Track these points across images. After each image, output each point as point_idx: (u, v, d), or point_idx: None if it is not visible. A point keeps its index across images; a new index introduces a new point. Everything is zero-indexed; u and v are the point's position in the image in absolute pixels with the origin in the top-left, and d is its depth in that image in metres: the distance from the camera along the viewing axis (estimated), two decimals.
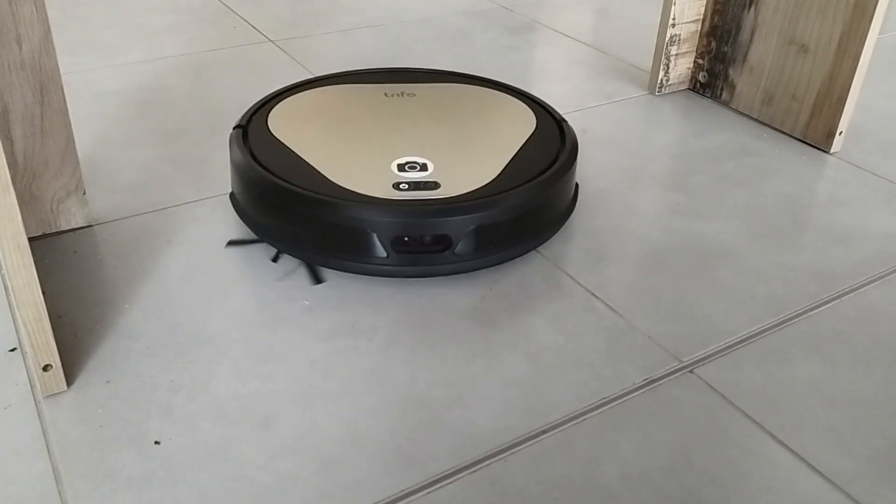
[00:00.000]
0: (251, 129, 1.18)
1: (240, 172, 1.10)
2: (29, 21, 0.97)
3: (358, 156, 1.13)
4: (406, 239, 1.02)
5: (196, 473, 0.79)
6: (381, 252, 1.02)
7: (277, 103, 1.25)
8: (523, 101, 1.30)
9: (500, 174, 1.10)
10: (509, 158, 1.14)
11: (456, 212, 1.03)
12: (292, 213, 1.04)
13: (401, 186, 1.06)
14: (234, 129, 1.17)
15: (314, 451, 0.82)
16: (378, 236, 1.01)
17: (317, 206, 1.02)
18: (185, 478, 0.78)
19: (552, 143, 1.19)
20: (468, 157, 1.14)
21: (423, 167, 1.10)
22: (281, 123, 1.19)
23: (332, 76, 1.36)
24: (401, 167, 1.10)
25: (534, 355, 0.94)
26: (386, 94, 1.28)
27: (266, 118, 1.20)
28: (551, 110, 1.28)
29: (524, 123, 1.23)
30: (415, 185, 1.06)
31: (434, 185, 1.06)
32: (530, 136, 1.20)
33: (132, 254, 1.08)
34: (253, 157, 1.10)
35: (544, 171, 1.12)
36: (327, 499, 0.77)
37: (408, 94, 1.29)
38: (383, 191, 1.05)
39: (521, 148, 1.17)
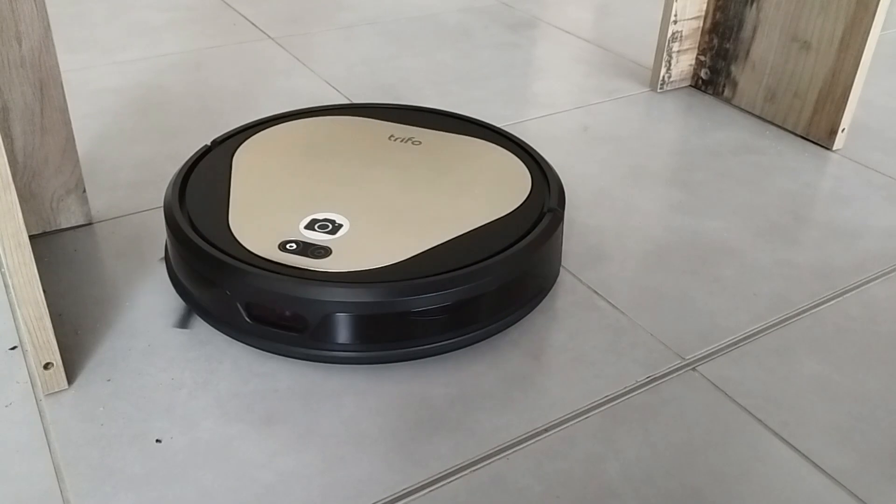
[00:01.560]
0: (213, 156, 1.08)
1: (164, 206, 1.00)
2: (29, 19, 0.97)
3: (277, 205, 0.99)
4: (258, 309, 0.89)
5: (197, 472, 0.79)
6: (241, 316, 0.89)
7: (253, 134, 1.15)
8: (525, 163, 1.10)
9: (418, 255, 0.91)
10: (450, 237, 0.94)
11: (313, 290, 0.86)
12: (177, 257, 0.95)
13: (287, 247, 0.91)
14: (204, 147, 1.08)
15: (316, 449, 0.81)
16: (236, 299, 0.89)
17: (191, 257, 0.92)
18: (186, 476, 0.78)
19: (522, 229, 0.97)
20: (403, 225, 0.96)
21: (334, 229, 0.94)
22: (242, 157, 1.09)
23: (305, 111, 1.23)
24: (310, 224, 0.95)
25: (536, 353, 0.94)
26: (391, 138, 1.14)
27: (233, 151, 1.10)
28: (553, 187, 1.05)
29: (509, 193, 1.03)
30: (303, 249, 0.91)
31: (324, 253, 0.90)
32: (509, 214, 0.99)
33: (132, 251, 1.08)
34: (182, 192, 1.00)
35: (476, 263, 0.91)
36: (329, 497, 0.77)
37: (403, 140, 1.13)
38: (267, 249, 0.91)
39: (484, 224, 0.97)
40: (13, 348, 0.92)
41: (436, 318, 0.89)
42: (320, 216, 0.97)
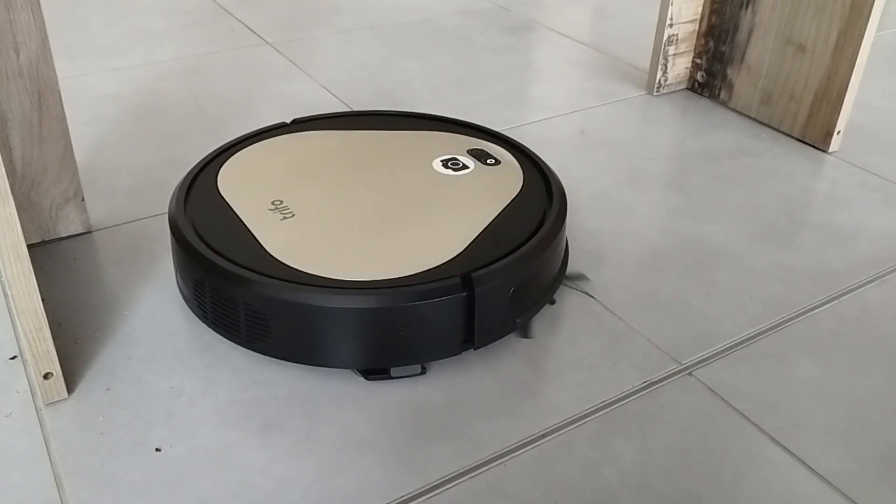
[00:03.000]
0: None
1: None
2: (26, 29, 0.97)
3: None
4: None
5: (197, 480, 0.79)
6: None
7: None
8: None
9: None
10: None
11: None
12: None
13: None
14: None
15: (315, 456, 0.82)
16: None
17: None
18: (186, 484, 0.79)
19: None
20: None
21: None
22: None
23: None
24: None
25: (533, 358, 0.95)
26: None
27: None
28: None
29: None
30: None
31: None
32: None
33: (131, 259, 1.09)
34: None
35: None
36: None
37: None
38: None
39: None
40: (13, 358, 0.93)
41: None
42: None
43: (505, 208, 1.01)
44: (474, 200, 1.02)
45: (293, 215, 0.98)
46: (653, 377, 0.93)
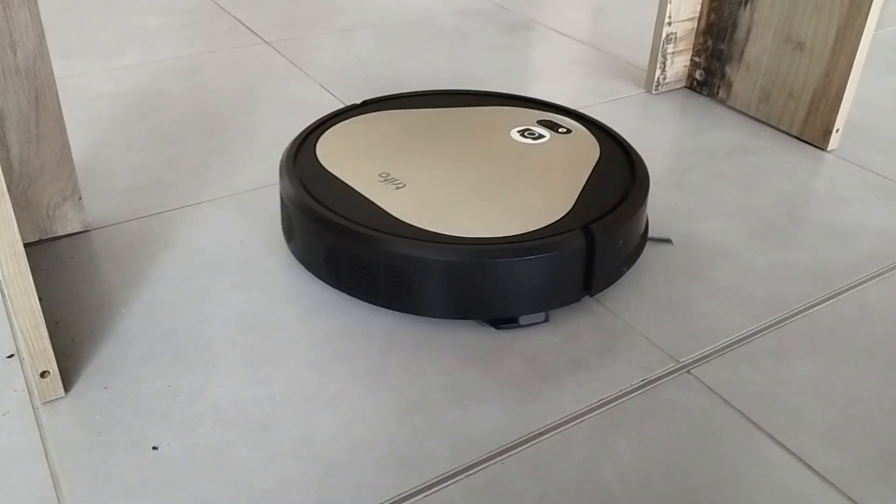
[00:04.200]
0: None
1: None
2: (23, 27, 0.97)
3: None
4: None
5: (194, 479, 0.79)
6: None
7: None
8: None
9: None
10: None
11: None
12: None
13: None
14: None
15: (312, 454, 0.82)
16: None
17: None
18: (183, 483, 0.78)
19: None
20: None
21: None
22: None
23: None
24: None
25: (531, 356, 0.94)
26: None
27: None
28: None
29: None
30: None
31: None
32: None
33: (129, 258, 1.08)
34: None
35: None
36: (326, 503, 0.77)
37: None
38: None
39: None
40: (10, 356, 0.93)
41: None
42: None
43: (593, 170, 1.10)
44: (562, 164, 1.11)
45: (404, 185, 1.05)
46: (651, 375, 0.92)
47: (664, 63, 1.57)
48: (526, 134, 1.16)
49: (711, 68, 1.56)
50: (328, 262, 1.00)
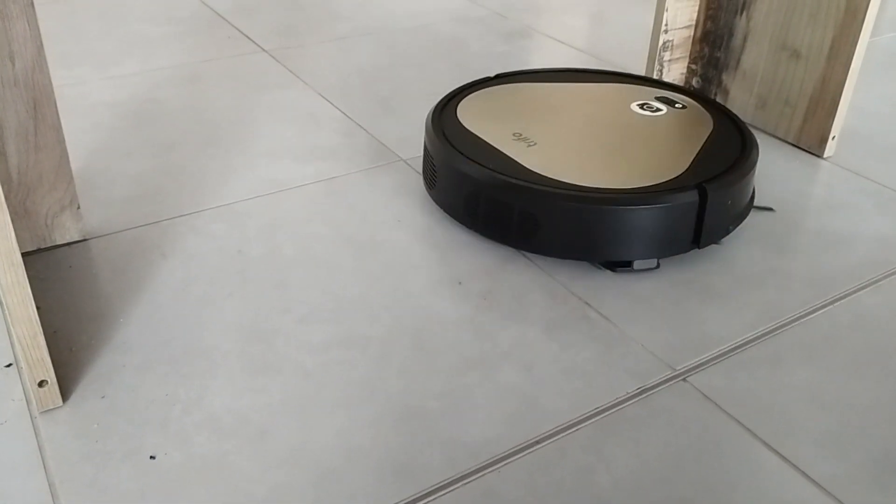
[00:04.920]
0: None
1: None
2: (22, 38, 0.98)
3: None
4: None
5: (192, 488, 0.79)
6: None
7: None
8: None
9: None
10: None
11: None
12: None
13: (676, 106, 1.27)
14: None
15: (309, 463, 0.82)
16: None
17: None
18: (180, 492, 0.79)
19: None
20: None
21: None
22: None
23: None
24: None
25: (527, 364, 0.95)
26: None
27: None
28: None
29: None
30: None
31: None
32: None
33: (127, 267, 1.09)
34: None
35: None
36: None
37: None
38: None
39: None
40: (8, 366, 0.93)
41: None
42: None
43: (706, 139, 1.22)
44: (678, 133, 1.23)
45: (536, 143, 1.19)
46: (647, 383, 0.93)
47: (661, 70, 1.58)
48: (645, 107, 1.29)
49: (708, 76, 1.57)
50: (467, 206, 1.15)
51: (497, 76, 1.40)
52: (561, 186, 1.09)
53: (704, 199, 1.08)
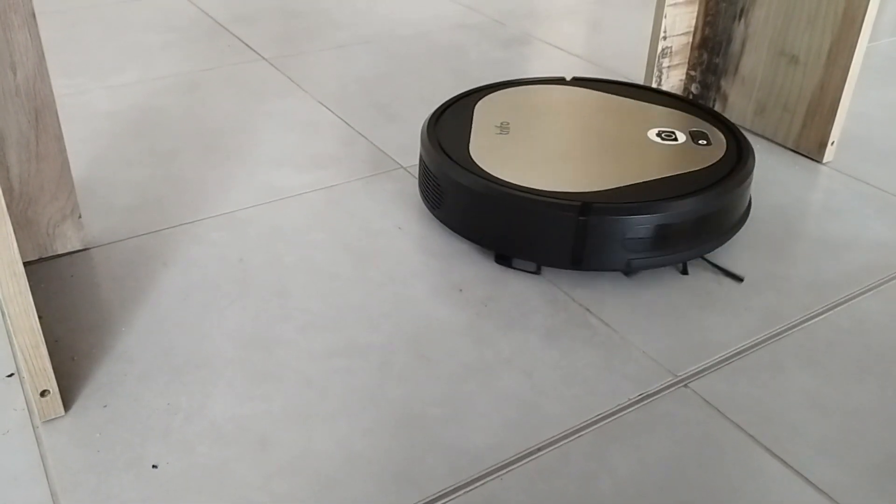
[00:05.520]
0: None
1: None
2: (23, 48, 0.98)
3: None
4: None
5: (194, 496, 0.79)
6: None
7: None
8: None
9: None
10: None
11: None
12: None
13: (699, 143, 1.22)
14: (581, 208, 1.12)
15: (311, 471, 0.82)
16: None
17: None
18: (182, 501, 0.79)
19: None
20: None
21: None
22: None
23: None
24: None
25: (529, 371, 0.95)
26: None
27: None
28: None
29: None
30: None
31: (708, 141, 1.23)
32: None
33: (128, 276, 1.09)
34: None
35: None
36: None
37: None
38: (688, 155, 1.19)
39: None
40: (10, 375, 0.93)
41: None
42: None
43: (695, 171, 1.16)
44: (660, 161, 1.18)
45: (507, 133, 1.23)
46: (648, 389, 0.93)
47: (660, 77, 1.58)
48: (663, 135, 1.24)
49: (707, 82, 1.57)
50: (422, 178, 1.23)
51: (574, 79, 1.43)
52: (470, 168, 1.13)
53: (587, 216, 1.05)
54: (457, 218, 1.16)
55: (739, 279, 1.09)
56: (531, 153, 1.19)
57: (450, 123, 1.26)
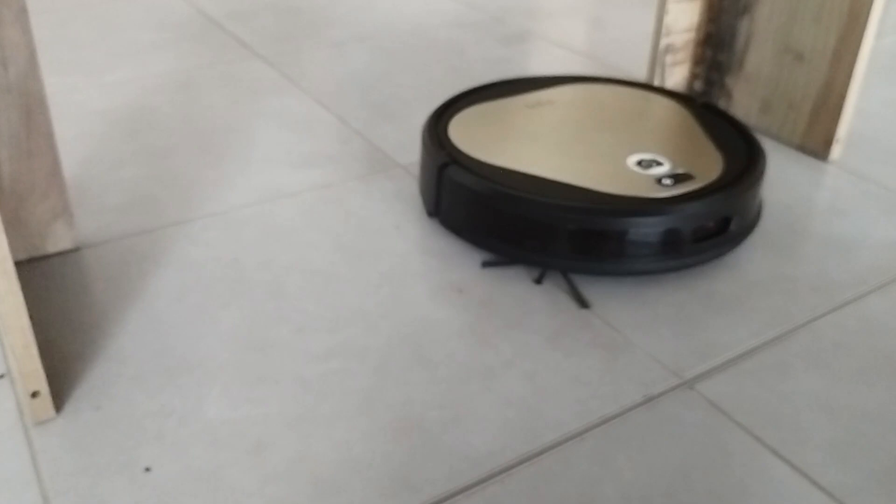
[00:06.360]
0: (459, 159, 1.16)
1: (473, 196, 1.10)
2: (15, 44, 0.96)
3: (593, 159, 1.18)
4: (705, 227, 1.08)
5: (187, 500, 0.77)
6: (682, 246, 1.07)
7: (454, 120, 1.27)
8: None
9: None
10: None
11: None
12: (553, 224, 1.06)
13: (663, 182, 1.11)
14: (443, 165, 1.14)
15: (307, 475, 0.80)
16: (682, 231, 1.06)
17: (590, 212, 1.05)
18: None
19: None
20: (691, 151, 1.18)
21: (659, 163, 1.15)
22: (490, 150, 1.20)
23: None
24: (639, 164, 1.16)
25: (531, 374, 0.93)
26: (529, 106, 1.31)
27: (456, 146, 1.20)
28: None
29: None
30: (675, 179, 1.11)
31: (688, 177, 1.12)
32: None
33: (120, 276, 1.07)
34: (485, 179, 1.10)
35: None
36: None
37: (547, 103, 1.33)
38: (647, 189, 1.09)
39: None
40: (1, 377, 0.91)
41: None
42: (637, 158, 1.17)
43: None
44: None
45: (536, 108, 1.27)
46: (653, 392, 0.91)
47: (663, 74, 1.56)
48: (642, 163, 1.16)
49: (711, 79, 1.55)
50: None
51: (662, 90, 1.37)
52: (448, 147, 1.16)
53: (443, 169, 1.12)
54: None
55: (585, 305, 1.04)
56: (509, 134, 1.19)
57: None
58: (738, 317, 1.02)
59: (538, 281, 1.07)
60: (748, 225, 1.15)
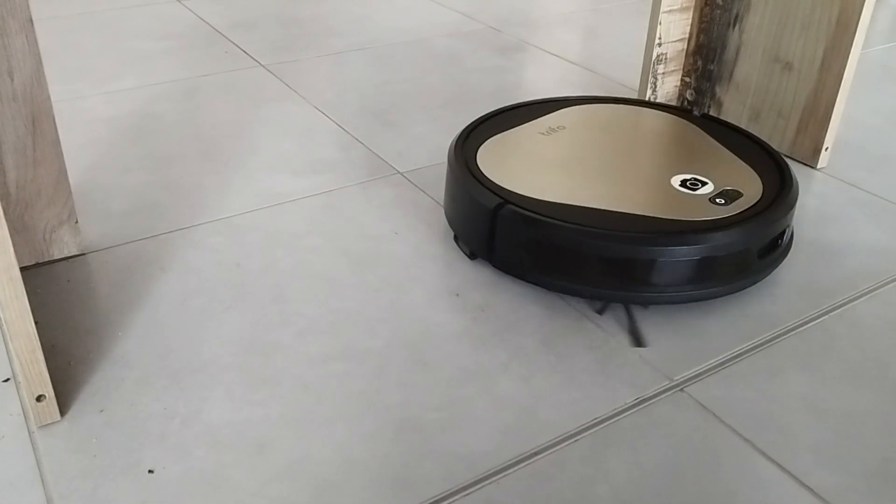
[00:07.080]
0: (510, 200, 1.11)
1: (541, 236, 1.05)
2: (21, 54, 0.98)
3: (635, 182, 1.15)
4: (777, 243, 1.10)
5: (190, 501, 0.79)
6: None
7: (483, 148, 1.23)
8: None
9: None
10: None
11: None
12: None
13: (716, 201, 1.10)
14: (498, 206, 1.09)
15: (308, 476, 0.82)
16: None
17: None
18: None
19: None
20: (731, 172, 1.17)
21: (704, 182, 1.14)
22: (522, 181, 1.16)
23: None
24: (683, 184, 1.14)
25: (526, 376, 0.95)
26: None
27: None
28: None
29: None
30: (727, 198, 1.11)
31: (738, 194, 1.12)
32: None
33: (125, 281, 1.09)
34: (536, 215, 1.06)
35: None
36: None
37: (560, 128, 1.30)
38: (706, 211, 1.08)
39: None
40: (6, 380, 0.93)
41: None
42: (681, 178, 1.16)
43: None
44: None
45: (551, 135, 1.26)
46: (645, 394, 0.93)
47: (655, 83, 1.59)
48: (688, 184, 1.14)
49: (702, 88, 1.58)
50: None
51: (703, 115, 1.34)
52: (471, 170, 1.15)
53: (497, 211, 1.07)
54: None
55: (641, 344, 1.00)
56: (529, 163, 1.18)
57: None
58: (729, 321, 1.04)
59: (600, 312, 1.05)
60: (791, 235, 1.16)
